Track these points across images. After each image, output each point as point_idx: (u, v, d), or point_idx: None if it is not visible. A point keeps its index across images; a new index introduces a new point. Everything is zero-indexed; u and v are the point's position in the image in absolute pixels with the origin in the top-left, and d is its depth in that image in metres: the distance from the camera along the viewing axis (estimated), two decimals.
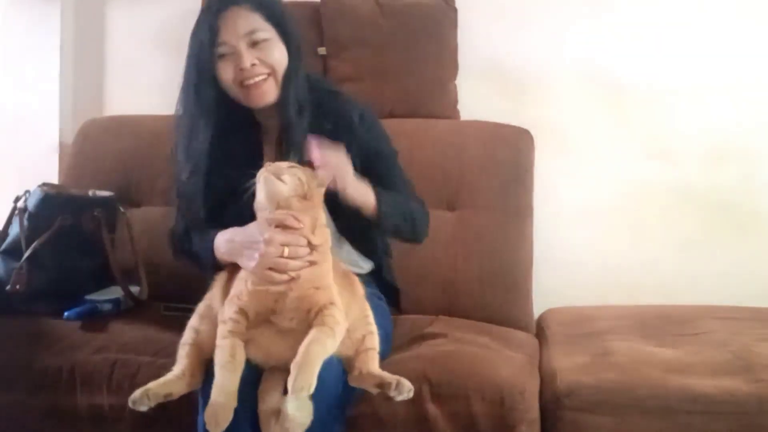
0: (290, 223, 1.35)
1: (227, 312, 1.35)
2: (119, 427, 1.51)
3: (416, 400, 1.45)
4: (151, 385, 1.35)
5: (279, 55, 1.57)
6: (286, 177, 1.36)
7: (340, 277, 1.44)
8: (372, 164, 1.60)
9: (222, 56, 1.55)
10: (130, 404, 1.33)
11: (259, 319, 1.34)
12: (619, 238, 2.24)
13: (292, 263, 1.33)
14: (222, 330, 1.33)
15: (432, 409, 1.45)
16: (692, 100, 2.21)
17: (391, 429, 1.46)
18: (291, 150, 1.57)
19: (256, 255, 1.35)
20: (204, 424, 1.27)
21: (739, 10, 2.20)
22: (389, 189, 1.59)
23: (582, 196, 2.25)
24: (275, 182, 1.35)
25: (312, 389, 1.23)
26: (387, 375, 1.35)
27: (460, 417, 1.45)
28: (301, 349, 1.26)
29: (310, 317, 1.32)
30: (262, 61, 1.55)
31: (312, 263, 1.35)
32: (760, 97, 2.20)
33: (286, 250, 1.33)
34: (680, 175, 2.22)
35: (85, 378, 1.54)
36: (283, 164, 1.39)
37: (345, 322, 1.35)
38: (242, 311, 1.33)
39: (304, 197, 1.36)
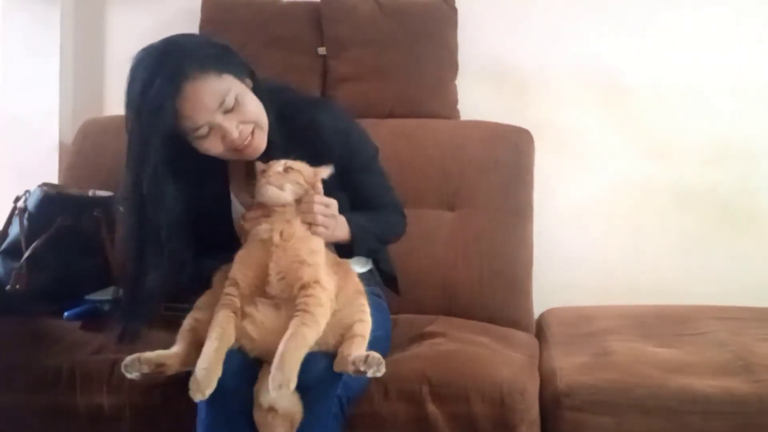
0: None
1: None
2: (119, 426, 1.51)
3: (416, 400, 1.45)
4: (146, 353, 1.36)
5: (253, 105, 1.48)
6: (287, 186, 1.40)
7: (333, 264, 1.46)
8: (348, 173, 1.57)
9: (202, 137, 1.44)
10: (122, 369, 1.34)
11: (252, 293, 1.37)
12: (619, 238, 2.24)
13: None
14: (217, 307, 1.36)
15: (432, 409, 1.45)
16: (692, 100, 2.22)
17: (391, 429, 1.45)
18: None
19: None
20: (204, 421, 1.30)
21: (739, 10, 2.20)
22: (366, 197, 1.62)
23: (582, 196, 2.25)
24: (277, 192, 1.40)
25: (292, 385, 1.24)
26: (360, 352, 1.34)
27: (460, 417, 1.45)
28: (281, 345, 1.27)
29: (294, 292, 1.34)
30: (244, 122, 1.45)
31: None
32: (760, 98, 2.20)
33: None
34: (680, 175, 2.22)
35: (85, 378, 1.53)
36: (279, 167, 1.41)
37: (331, 303, 1.37)
38: (234, 282, 1.37)
39: (306, 192, 1.42)
